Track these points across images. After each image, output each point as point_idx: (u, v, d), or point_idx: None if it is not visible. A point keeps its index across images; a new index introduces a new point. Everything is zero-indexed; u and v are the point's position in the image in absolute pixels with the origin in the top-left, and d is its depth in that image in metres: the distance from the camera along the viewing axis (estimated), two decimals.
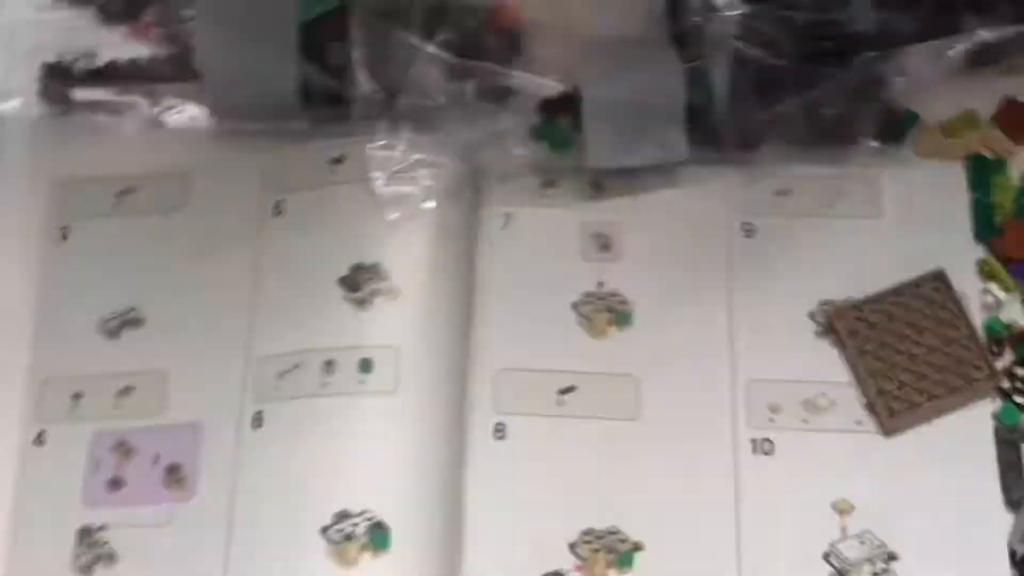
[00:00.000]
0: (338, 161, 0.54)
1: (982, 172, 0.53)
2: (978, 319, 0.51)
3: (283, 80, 0.54)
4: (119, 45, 0.58)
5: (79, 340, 0.54)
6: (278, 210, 0.54)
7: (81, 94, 0.57)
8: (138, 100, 0.57)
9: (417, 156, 0.53)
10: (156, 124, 0.57)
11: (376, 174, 0.53)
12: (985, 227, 0.52)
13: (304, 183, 0.55)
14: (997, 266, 0.51)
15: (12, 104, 0.58)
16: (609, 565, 0.47)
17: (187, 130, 0.57)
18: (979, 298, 0.51)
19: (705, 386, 0.50)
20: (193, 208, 0.56)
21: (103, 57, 0.57)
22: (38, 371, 0.53)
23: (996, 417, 0.49)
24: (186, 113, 0.57)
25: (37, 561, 0.50)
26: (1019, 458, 0.48)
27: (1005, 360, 0.50)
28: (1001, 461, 0.48)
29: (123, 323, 0.54)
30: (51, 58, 0.57)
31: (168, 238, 0.55)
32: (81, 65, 0.57)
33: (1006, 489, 0.47)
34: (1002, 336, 0.50)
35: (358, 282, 0.51)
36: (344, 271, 0.51)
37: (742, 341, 0.51)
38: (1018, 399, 0.49)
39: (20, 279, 0.55)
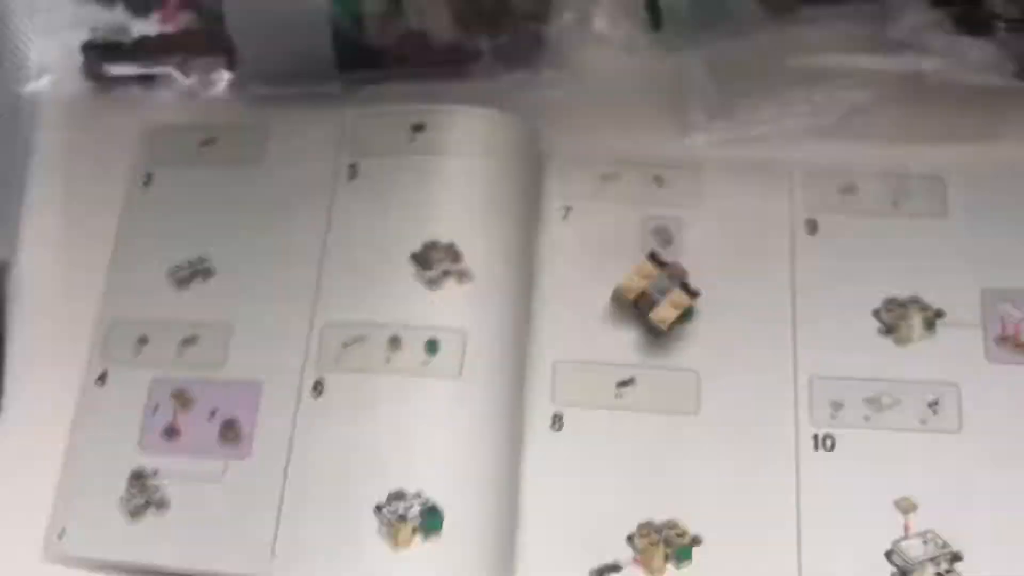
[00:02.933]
0: (418, 128, 0.53)
1: None
2: None
3: (317, 38, 0.53)
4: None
5: (149, 285, 0.53)
6: (352, 173, 0.53)
7: (116, 69, 0.57)
8: (172, 72, 0.57)
9: (498, 133, 0.52)
10: (192, 95, 0.57)
11: (456, 147, 0.52)
12: None
13: (381, 148, 0.53)
14: None
15: (44, 82, 0.57)
16: (667, 559, 0.46)
17: None
18: None
19: (767, 382, 0.49)
20: (269, 163, 0.55)
21: (134, 31, 0.56)
22: (107, 312, 0.53)
23: None
24: (221, 84, 0.57)
25: (89, 498, 0.50)
26: None
27: None
28: None
29: (193, 273, 0.53)
30: (83, 36, 0.56)
31: (243, 191, 0.55)
32: (114, 40, 0.56)
33: None
34: None
35: (430, 260, 0.50)
36: (417, 247, 0.50)
37: (805, 338, 0.50)
38: None
39: (103, 222, 0.55)
